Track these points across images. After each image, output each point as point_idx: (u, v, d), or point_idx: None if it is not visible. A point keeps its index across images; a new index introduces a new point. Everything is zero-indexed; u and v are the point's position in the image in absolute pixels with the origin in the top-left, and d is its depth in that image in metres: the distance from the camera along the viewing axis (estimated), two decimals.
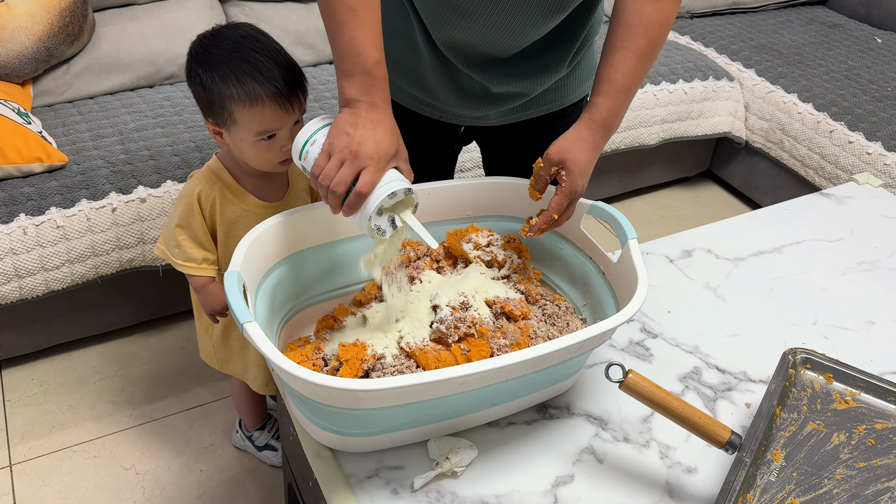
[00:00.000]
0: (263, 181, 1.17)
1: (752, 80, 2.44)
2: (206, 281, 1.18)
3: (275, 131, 1.06)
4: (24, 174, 1.62)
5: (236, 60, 1.02)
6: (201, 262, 1.16)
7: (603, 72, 0.92)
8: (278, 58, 1.05)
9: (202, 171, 1.16)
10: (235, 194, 1.16)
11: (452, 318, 0.85)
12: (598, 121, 0.92)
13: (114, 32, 2.00)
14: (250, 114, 1.03)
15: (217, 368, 1.38)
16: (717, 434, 0.78)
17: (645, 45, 0.90)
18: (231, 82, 1.02)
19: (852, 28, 2.78)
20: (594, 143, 0.92)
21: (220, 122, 1.07)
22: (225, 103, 1.03)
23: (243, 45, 1.04)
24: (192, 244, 1.15)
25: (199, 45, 1.06)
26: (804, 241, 1.27)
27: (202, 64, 1.04)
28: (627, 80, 0.91)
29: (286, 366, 0.70)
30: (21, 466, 1.56)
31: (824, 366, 0.91)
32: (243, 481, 1.56)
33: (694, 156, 2.61)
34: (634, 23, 0.89)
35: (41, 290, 1.61)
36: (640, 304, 0.81)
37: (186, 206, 1.14)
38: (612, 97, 0.91)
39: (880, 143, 2.09)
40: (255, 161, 1.10)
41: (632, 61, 0.90)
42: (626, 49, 0.90)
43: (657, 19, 0.89)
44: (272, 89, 1.02)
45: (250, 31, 1.07)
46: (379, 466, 0.84)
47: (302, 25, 2.21)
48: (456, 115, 1.13)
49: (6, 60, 1.79)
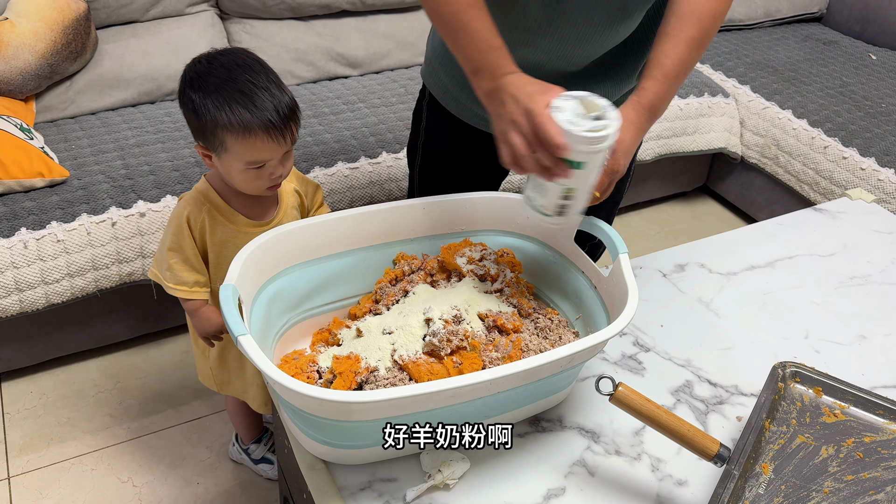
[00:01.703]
0: (253, 200, 1.17)
1: (748, 96, 2.46)
2: (198, 304, 1.17)
3: (265, 161, 1.06)
4: (25, 189, 1.64)
5: (230, 90, 1.02)
6: (193, 286, 1.15)
7: (654, 57, 0.93)
8: (273, 89, 1.04)
9: (191, 194, 1.16)
10: (224, 215, 1.15)
11: (445, 331, 0.86)
12: (645, 104, 0.93)
13: (116, 49, 2.03)
14: (242, 144, 1.03)
15: (216, 391, 1.39)
16: (706, 447, 0.79)
17: (696, 35, 0.92)
18: (224, 111, 1.01)
19: (847, 45, 2.81)
20: (639, 125, 0.93)
21: (211, 147, 1.07)
22: (217, 131, 1.03)
23: (238, 75, 1.03)
24: (184, 267, 1.14)
25: (193, 69, 1.05)
26: (797, 256, 1.28)
27: (196, 90, 1.04)
28: (677, 66, 0.92)
29: (280, 378, 0.71)
30: (19, 479, 1.57)
31: (814, 379, 0.92)
32: (239, 494, 1.56)
33: (690, 171, 2.62)
34: (687, 12, 0.92)
35: (41, 303, 1.62)
36: (630, 317, 0.82)
37: (176, 230, 1.14)
38: (661, 82, 0.92)
39: (874, 158, 2.11)
40: (244, 187, 1.10)
41: (683, 49, 0.92)
42: (678, 37, 0.92)
43: (710, 10, 0.92)
44: (265, 121, 1.02)
45: (246, 60, 1.06)
46: (372, 479, 0.84)
47: (302, 43, 2.24)
48: None
49: (10, 77, 1.81)
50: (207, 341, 1.22)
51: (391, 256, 1.05)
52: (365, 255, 1.02)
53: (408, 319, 0.90)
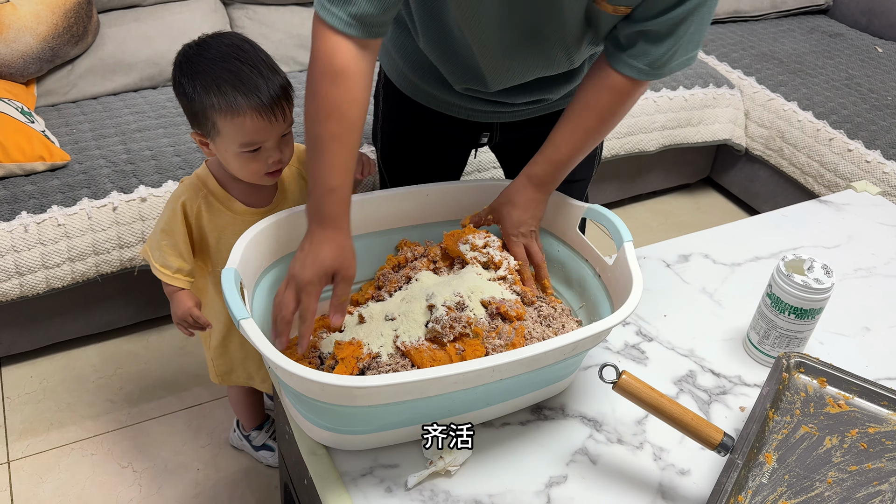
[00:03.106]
0: (251, 187, 1.15)
1: (753, 87, 2.45)
2: (175, 289, 1.17)
3: (259, 144, 1.04)
4: (26, 172, 1.63)
5: (219, 70, 1.00)
6: (175, 272, 1.14)
7: (551, 138, 0.99)
8: (262, 68, 1.03)
9: (190, 179, 1.15)
10: (221, 201, 1.15)
11: (448, 317, 0.85)
12: (533, 179, 0.99)
13: (118, 34, 2.01)
14: (232, 125, 1.01)
15: (218, 383, 1.38)
16: (710, 436, 0.78)
17: (594, 125, 0.97)
18: (213, 93, 1.00)
19: (853, 37, 2.79)
20: (528, 196, 0.99)
21: (205, 132, 1.06)
22: (207, 114, 1.02)
23: (227, 55, 1.02)
24: (172, 252, 1.14)
25: (183, 54, 1.04)
26: (801, 248, 1.27)
27: (185, 74, 1.03)
28: (569, 153, 0.98)
29: (282, 362, 0.70)
30: (19, 463, 1.57)
31: (818, 370, 0.91)
32: (240, 481, 1.56)
33: (694, 163, 2.61)
34: (591, 103, 0.96)
35: (42, 287, 1.62)
36: (634, 305, 0.82)
37: (171, 213, 1.13)
38: (552, 164, 0.98)
39: (879, 151, 2.10)
40: (241, 172, 1.08)
41: (579, 137, 0.98)
42: (577, 125, 0.98)
43: (610, 106, 0.96)
44: (254, 101, 1.00)
45: (235, 41, 1.05)
46: (373, 465, 0.84)
47: (305, 28, 2.22)
48: (478, 113, 1.16)
49: (11, 60, 1.80)
50: (182, 329, 1.21)
51: (394, 243, 1.04)
52: (368, 242, 1.01)
53: (411, 306, 0.89)
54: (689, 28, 0.88)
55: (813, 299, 0.94)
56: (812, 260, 0.98)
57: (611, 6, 0.88)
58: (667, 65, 0.91)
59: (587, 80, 0.98)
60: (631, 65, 0.92)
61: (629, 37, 0.91)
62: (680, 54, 0.91)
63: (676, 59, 0.91)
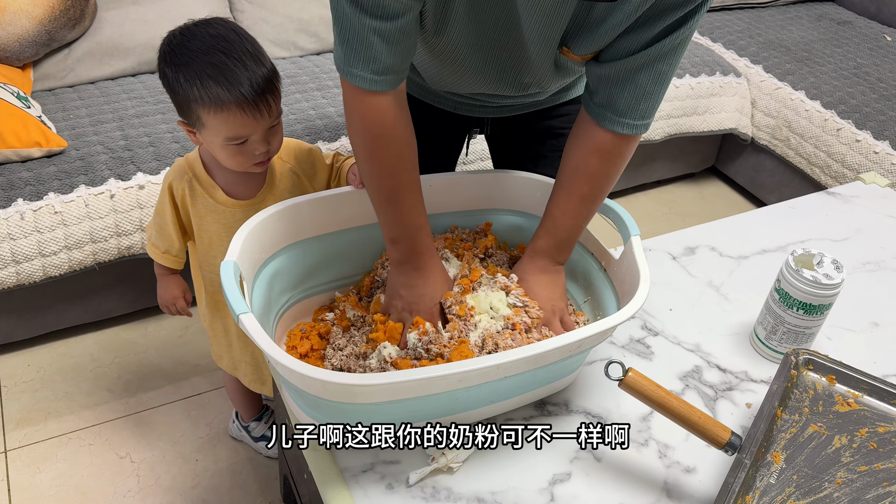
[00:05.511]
0: (237, 178, 1.13)
1: (760, 76, 2.42)
2: (164, 270, 1.17)
3: (245, 137, 1.01)
4: (22, 159, 1.61)
5: (202, 63, 0.97)
6: (164, 252, 1.15)
7: (549, 210, 0.95)
8: (247, 60, 0.98)
9: (180, 161, 1.14)
10: (205, 188, 1.13)
11: (421, 343, 0.85)
12: (538, 252, 0.96)
13: (116, 17, 1.98)
14: (216, 119, 0.98)
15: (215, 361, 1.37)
16: (717, 435, 0.77)
17: (588, 192, 0.92)
18: (196, 86, 0.97)
19: (862, 26, 2.75)
20: (538, 277, 0.95)
21: (191, 123, 1.03)
22: (191, 107, 0.99)
23: (211, 47, 0.98)
24: (160, 232, 1.14)
25: (168, 44, 1.01)
26: (809, 241, 1.25)
27: (169, 64, 0.99)
28: (570, 224, 0.94)
29: (282, 359, 0.69)
30: (16, 453, 1.56)
31: (827, 367, 0.90)
32: (239, 472, 1.55)
33: (699, 152, 2.59)
34: (581, 169, 0.92)
35: (39, 275, 1.60)
36: (641, 302, 0.80)
37: (162, 194, 1.14)
38: (552, 237, 0.94)
39: (888, 142, 2.07)
40: (228, 162, 1.06)
41: (575, 204, 0.93)
42: (572, 192, 0.93)
43: (602, 170, 0.92)
44: (237, 96, 0.97)
45: (220, 31, 1.00)
46: (374, 461, 0.83)
47: (306, 13, 2.19)
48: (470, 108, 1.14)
49: (6, 43, 1.77)
50: (166, 309, 1.21)
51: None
52: (367, 233, 0.99)
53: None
54: (649, 79, 0.83)
55: (822, 295, 0.93)
56: (822, 254, 0.96)
57: (578, 56, 0.87)
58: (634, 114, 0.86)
59: (573, 137, 0.93)
60: (611, 119, 0.87)
61: (594, 81, 0.88)
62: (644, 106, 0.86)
63: (641, 109, 0.86)
